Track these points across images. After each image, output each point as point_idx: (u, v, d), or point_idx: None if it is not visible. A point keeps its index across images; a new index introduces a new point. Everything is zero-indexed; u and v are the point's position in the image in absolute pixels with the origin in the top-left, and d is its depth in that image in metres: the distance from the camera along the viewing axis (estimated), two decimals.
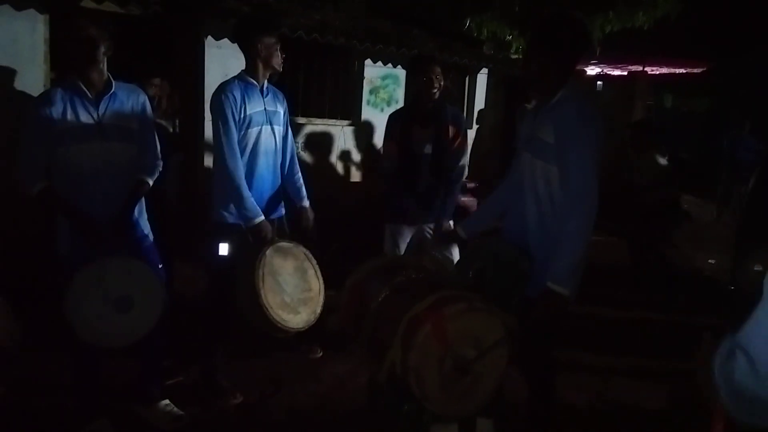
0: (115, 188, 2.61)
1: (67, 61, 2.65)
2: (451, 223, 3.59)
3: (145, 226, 2.81)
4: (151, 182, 2.74)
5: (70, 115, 2.51)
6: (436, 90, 3.48)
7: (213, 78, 5.40)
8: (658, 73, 10.86)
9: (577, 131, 2.18)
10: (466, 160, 3.68)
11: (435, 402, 1.99)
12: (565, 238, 2.17)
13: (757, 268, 3.68)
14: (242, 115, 2.90)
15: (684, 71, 10.97)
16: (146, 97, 2.77)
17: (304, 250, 3.04)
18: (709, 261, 6.62)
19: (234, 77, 2.98)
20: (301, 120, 6.61)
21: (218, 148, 2.89)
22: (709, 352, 1.00)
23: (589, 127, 2.21)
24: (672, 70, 10.85)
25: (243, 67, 3.00)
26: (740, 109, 11.06)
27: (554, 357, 2.55)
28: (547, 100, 2.31)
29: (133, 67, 4.25)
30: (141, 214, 2.78)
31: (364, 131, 7.29)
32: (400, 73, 7.54)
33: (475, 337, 2.00)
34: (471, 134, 8.89)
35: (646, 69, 10.43)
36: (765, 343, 0.85)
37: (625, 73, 10.80)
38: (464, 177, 3.70)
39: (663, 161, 5.45)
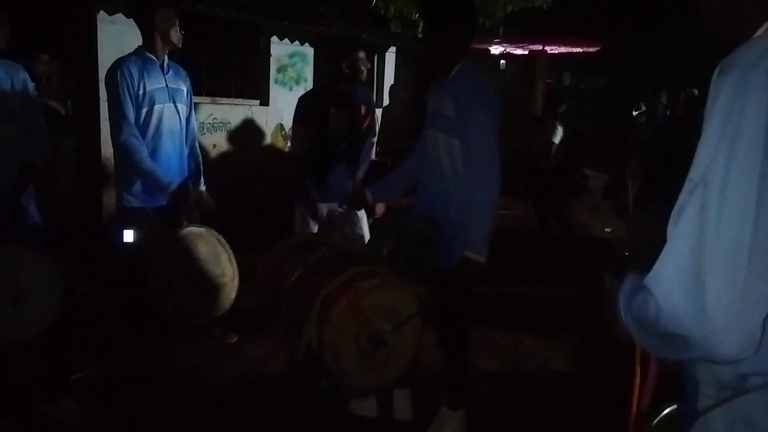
0: (2, 173, 2.43)
1: None
2: None
3: (35, 213, 2.64)
4: (38, 166, 2.58)
5: None
6: (364, 72, 3.45)
7: (107, 56, 5.08)
8: (557, 52, 11.34)
9: (474, 102, 2.28)
10: (374, 137, 3.69)
11: (352, 376, 2.03)
12: (476, 208, 2.27)
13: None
14: (141, 92, 2.77)
15: (581, 50, 11.51)
16: (27, 74, 2.59)
17: (217, 234, 2.97)
18: (606, 230, 7.05)
19: (131, 53, 2.84)
20: (205, 100, 6.38)
21: (114, 127, 2.75)
22: (611, 291, 1.06)
23: (484, 98, 2.32)
24: (570, 49, 11.37)
25: (139, 44, 2.86)
26: (634, 84, 11.76)
27: (468, 328, 2.64)
28: (445, 77, 2.41)
29: (18, 44, 3.93)
30: (30, 201, 2.61)
31: (272, 110, 7.15)
32: (308, 51, 7.43)
33: (389, 311, 2.05)
34: (379, 113, 8.93)
35: (546, 48, 10.85)
36: (668, 282, 0.91)
37: (527, 53, 11.19)
38: (371, 154, 3.70)
39: (560, 130, 6.08)
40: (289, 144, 3.47)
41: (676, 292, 0.89)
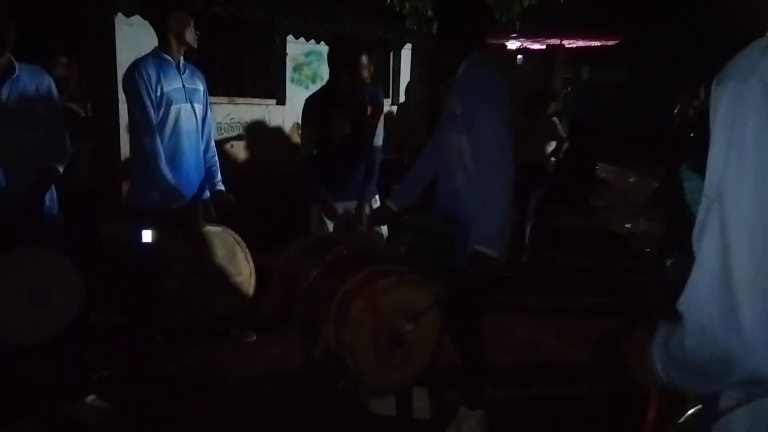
0: (22, 177, 2.45)
1: None
2: (377, 197, 3.59)
3: (57, 215, 2.65)
4: (60, 169, 2.58)
5: None
6: (366, 77, 3.44)
7: (125, 58, 5.12)
8: (574, 46, 11.21)
9: (479, 99, 2.26)
10: (381, 138, 3.65)
11: (370, 375, 2.01)
12: (487, 201, 2.24)
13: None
14: (159, 93, 2.78)
15: (599, 44, 11.38)
16: (51, 79, 2.59)
17: (233, 233, 2.97)
18: (626, 225, 6.97)
19: (147, 54, 2.85)
20: (222, 100, 6.41)
21: (135, 129, 2.76)
22: (641, 340, 1.05)
23: (490, 91, 2.29)
24: (588, 43, 11.24)
25: (156, 45, 2.87)
26: (652, 78, 11.57)
27: (479, 326, 2.60)
28: (454, 75, 2.42)
29: (37, 47, 3.97)
30: (52, 203, 2.63)
31: (289, 110, 7.16)
32: (324, 49, 7.41)
33: (407, 309, 2.03)
34: (394, 109, 8.91)
35: (563, 42, 10.74)
36: (703, 302, 0.89)
37: (544, 47, 11.09)
38: (380, 155, 3.67)
39: (559, 125, 5.85)
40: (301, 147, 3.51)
41: (713, 311, 0.87)
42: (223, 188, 3.19)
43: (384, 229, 3.48)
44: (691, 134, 4.51)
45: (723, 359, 0.86)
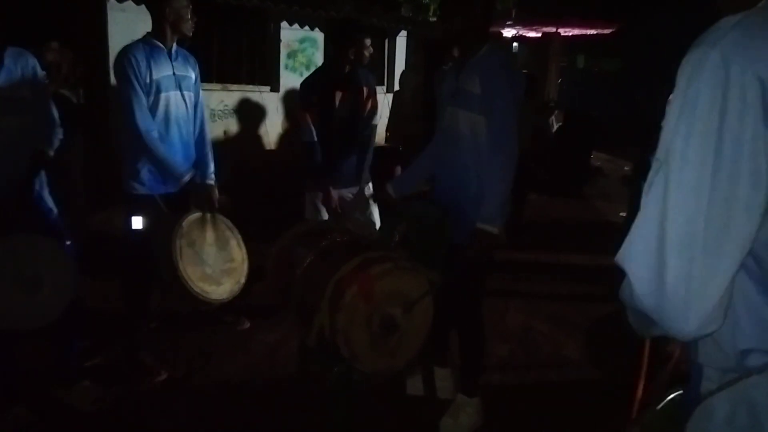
0: (11, 163, 2.43)
1: None
2: (370, 185, 3.59)
3: (49, 200, 2.64)
4: (51, 153, 2.56)
5: None
6: (366, 59, 3.51)
7: (117, 44, 5.02)
8: (570, 34, 11.17)
9: (501, 80, 2.32)
10: (377, 120, 3.66)
11: (364, 361, 2.02)
12: (490, 180, 2.31)
13: None
14: (148, 80, 2.74)
15: (595, 32, 11.34)
16: (36, 60, 2.55)
17: (225, 219, 2.96)
18: (620, 213, 6.98)
19: (138, 40, 2.81)
20: (216, 86, 6.37)
21: (126, 113, 2.73)
22: None
23: (511, 77, 2.37)
24: (584, 32, 11.20)
25: (149, 30, 2.84)
26: (649, 67, 11.52)
27: (480, 309, 2.63)
28: (471, 56, 2.42)
29: (28, 31, 3.92)
30: (43, 188, 2.62)
31: (283, 96, 7.13)
32: (318, 35, 7.39)
33: (401, 296, 2.03)
34: (390, 97, 8.88)
35: (559, 30, 10.70)
36: (635, 258, 0.92)
37: (540, 35, 11.05)
38: (375, 138, 3.69)
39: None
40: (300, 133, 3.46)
41: (642, 268, 0.90)
42: (213, 182, 3.04)
43: (376, 216, 3.50)
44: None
45: (646, 314, 0.91)
